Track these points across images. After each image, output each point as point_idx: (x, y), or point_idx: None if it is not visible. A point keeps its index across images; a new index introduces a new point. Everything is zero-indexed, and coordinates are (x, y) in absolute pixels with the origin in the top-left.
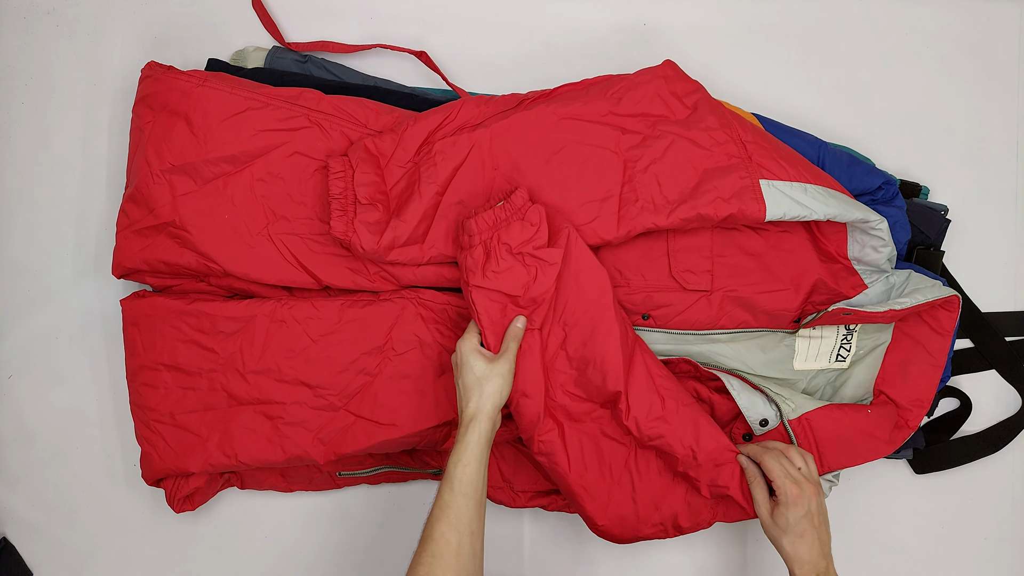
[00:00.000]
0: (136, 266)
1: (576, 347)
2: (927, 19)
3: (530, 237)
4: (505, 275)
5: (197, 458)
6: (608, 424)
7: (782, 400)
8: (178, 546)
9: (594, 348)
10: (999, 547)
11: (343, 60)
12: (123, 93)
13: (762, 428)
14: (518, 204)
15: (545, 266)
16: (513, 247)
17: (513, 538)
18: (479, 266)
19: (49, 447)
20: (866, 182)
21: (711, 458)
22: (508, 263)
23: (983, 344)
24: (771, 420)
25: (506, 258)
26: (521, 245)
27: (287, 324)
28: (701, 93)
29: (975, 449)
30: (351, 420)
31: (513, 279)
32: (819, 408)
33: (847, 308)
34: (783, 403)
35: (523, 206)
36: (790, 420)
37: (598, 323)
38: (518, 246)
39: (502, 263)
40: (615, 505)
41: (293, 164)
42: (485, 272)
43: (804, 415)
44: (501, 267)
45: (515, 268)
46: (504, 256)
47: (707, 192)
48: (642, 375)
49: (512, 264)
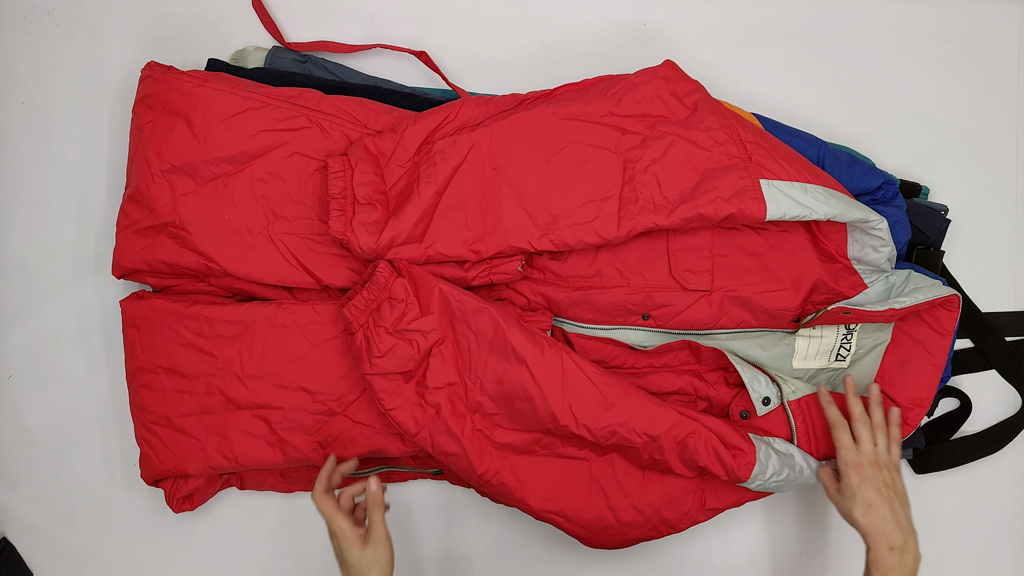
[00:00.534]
0: (136, 266)
1: (493, 386)
2: (927, 19)
3: (401, 314)
4: (389, 357)
5: (196, 460)
6: (560, 445)
7: (783, 381)
8: (178, 546)
9: (511, 382)
10: (999, 547)
11: (343, 60)
12: (123, 93)
13: (764, 407)
14: (382, 281)
15: (423, 335)
16: (388, 328)
17: (514, 537)
18: (364, 355)
19: (49, 447)
20: (866, 182)
21: (671, 436)
22: (389, 343)
23: (983, 344)
24: (772, 399)
25: (386, 339)
26: (395, 324)
27: (287, 329)
28: (701, 93)
29: (975, 449)
30: (350, 425)
31: (398, 358)
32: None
33: (847, 307)
34: (784, 384)
35: (387, 283)
36: (790, 401)
37: (504, 357)
38: (392, 325)
39: (383, 346)
40: (594, 519)
41: (293, 164)
42: (371, 360)
43: (803, 398)
44: (383, 349)
45: (397, 346)
46: (384, 338)
47: (707, 192)
48: (577, 379)
49: (393, 343)
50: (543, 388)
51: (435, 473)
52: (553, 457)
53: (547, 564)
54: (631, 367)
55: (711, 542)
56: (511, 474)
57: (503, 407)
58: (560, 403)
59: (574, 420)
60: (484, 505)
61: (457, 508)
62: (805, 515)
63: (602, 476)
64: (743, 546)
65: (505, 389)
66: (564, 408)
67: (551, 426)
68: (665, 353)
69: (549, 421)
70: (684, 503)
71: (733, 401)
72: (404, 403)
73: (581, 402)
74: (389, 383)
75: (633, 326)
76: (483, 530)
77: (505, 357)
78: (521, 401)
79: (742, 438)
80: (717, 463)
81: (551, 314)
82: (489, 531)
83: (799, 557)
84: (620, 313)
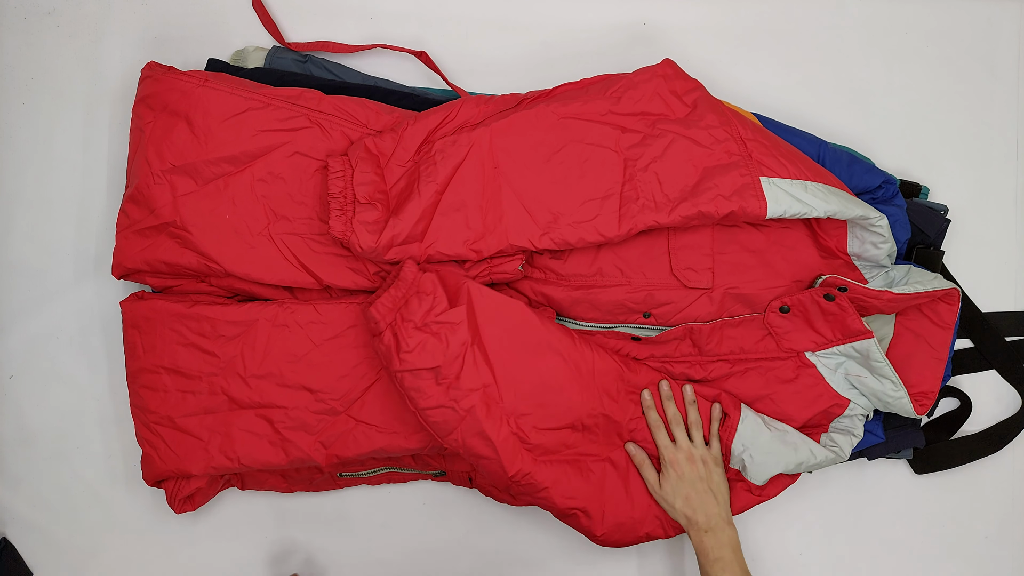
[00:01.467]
0: (136, 266)
1: (525, 383)
2: (927, 19)
3: (429, 307)
4: (418, 351)
5: (198, 461)
6: (585, 446)
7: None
8: (178, 546)
9: (542, 374)
10: (999, 547)
11: (343, 60)
12: (123, 93)
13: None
14: (409, 279)
15: (452, 327)
16: (417, 322)
17: (515, 538)
18: (392, 352)
19: (49, 447)
20: (866, 181)
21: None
22: (417, 339)
23: (983, 344)
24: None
25: (414, 335)
26: (424, 317)
27: (289, 328)
28: (700, 91)
29: (975, 449)
30: (352, 425)
31: (427, 352)
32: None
33: (845, 281)
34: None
35: (415, 279)
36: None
37: (535, 351)
38: (421, 319)
39: (411, 341)
40: (611, 515)
41: (294, 164)
42: (400, 356)
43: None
44: (412, 345)
45: (426, 341)
46: (412, 333)
47: (708, 190)
48: (606, 364)
49: (421, 338)
50: (579, 375)
51: (436, 474)
52: (578, 458)
53: (547, 564)
54: (633, 359)
55: None
56: (539, 474)
57: (536, 405)
58: (594, 390)
59: (602, 404)
60: (485, 506)
61: (458, 509)
62: (805, 515)
63: (623, 476)
64: (743, 546)
65: (537, 383)
66: (596, 394)
67: (583, 413)
68: (667, 343)
69: (582, 408)
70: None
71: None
72: (436, 404)
73: (611, 387)
74: (419, 381)
75: (634, 324)
76: (484, 531)
77: (538, 351)
78: (554, 393)
79: (732, 405)
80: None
81: (552, 313)
82: (490, 532)
83: (799, 557)
84: (621, 312)
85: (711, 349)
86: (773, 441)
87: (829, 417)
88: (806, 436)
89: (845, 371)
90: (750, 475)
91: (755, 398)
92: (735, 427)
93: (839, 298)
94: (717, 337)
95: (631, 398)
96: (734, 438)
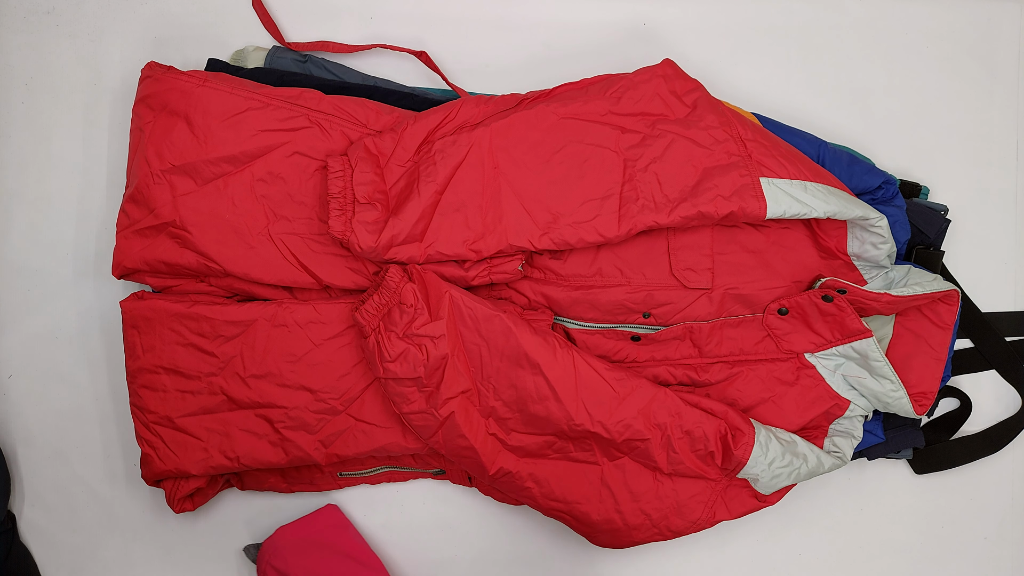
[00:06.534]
0: (136, 266)
1: (507, 392)
2: (927, 19)
3: (411, 319)
4: (400, 361)
5: (198, 460)
6: (572, 450)
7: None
8: (178, 546)
9: (524, 387)
10: (999, 547)
11: (343, 60)
12: (123, 93)
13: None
14: (392, 286)
15: (433, 340)
16: (399, 332)
17: (515, 537)
18: (376, 358)
19: (49, 447)
20: (866, 181)
21: (676, 425)
22: (399, 348)
23: (983, 344)
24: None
25: (397, 344)
26: (405, 328)
27: (288, 328)
28: (700, 91)
29: (975, 449)
30: (352, 423)
31: (408, 363)
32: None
33: (844, 284)
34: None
35: (397, 287)
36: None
37: (516, 364)
38: (402, 330)
39: (394, 351)
40: (602, 521)
41: (293, 164)
42: (383, 365)
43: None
44: (394, 355)
45: (407, 351)
46: (395, 342)
47: (707, 190)
48: (589, 377)
49: (403, 348)
50: (558, 391)
51: (436, 473)
52: (565, 460)
53: (548, 564)
54: (633, 360)
55: (712, 542)
56: (522, 474)
57: (516, 411)
58: (575, 403)
59: (589, 418)
60: (485, 505)
61: (458, 508)
62: (805, 515)
63: (612, 480)
64: (744, 546)
65: (519, 394)
66: (579, 408)
67: (566, 427)
68: (666, 344)
69: (564, 423)
70: (693, 512)
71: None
72: (419, 409)
73: (594, 399)
74: (402, 388)
75: (634, 324)
76: (484, 530)
77: (518, 363)
78: (536, 404)
79: (743, 421)
80: (718, 443)
81: (552, 313)
82: (490, 531)
83: (799, 557)
84: (621, 312)
85: (711, 350)
86: (785, 455)
87: (829, 418)
88: (812, 444)
89: (844, 372)
90: (760, 487)
91: (757, 401)
92: (751, 445)
93: (837, 299)
94: (717, 338)
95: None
96: (749, 457)
